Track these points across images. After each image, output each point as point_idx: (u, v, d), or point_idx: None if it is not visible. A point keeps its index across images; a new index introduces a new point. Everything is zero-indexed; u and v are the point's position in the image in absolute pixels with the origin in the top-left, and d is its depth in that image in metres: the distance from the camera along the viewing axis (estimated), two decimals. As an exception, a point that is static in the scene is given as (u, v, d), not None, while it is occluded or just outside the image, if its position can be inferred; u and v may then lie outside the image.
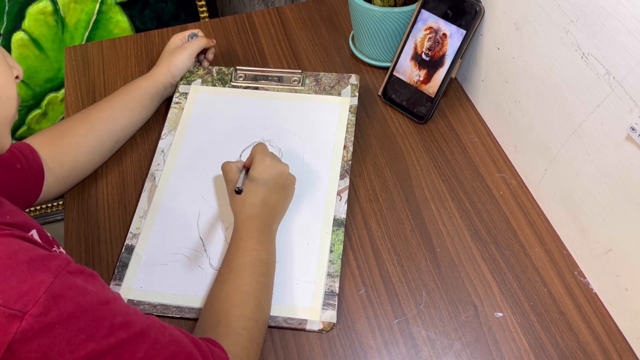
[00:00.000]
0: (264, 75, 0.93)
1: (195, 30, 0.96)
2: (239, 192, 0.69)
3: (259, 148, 0.75)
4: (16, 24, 1.25)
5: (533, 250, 0.74)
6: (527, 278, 0.71)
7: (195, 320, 0.68)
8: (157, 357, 0.49)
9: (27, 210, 1.61)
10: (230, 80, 0.93)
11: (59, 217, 1.68)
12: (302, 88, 0.91)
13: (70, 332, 0.43)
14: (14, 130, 1.43)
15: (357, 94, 0.89)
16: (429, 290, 0.71)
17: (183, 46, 0.92)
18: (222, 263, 0.68)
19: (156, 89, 0.87)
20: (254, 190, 0.71)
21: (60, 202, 1.64)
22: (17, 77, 0.53)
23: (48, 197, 0.76)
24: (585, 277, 0.71)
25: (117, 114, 0.83)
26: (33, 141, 0.76)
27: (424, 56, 0.87)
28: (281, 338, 0.67)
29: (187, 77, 0.92)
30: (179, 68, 0.90)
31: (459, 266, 0.73)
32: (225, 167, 0.75)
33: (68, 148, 0.78)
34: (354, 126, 0.86)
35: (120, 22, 1.33)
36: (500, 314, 0.68)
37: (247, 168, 0.74)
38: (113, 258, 0.75)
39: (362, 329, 0.68)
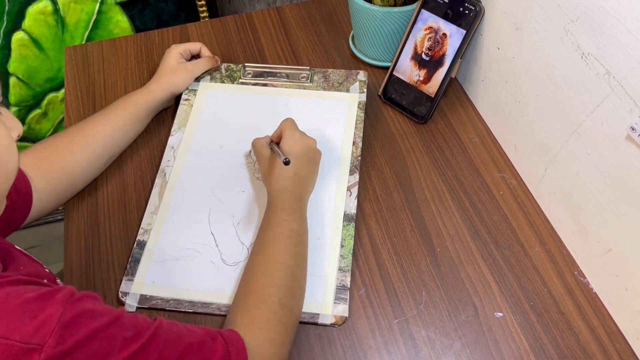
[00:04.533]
0: (272, 72, 0.94)
1: (197, 47, 0.94)
2: (287, 162, 0.71)
3: (289, 123, 0.78)
4: (16, 24, 1.25)
5: (533, 250, 0.74)
6: (527, 278, 0.71)
7: (208, 315, 0.69)
8: (171, 356, 0.51)
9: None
10: (239, 77, 0.93)
11: (59, 217, 1.68)
12: (311, 85, 0.92)
13: (87, 355, 0.45)
14: (14, 130, 1.43)
15: (365, 90, 0.90)
16: (429, 290, 0.71)
17: (186, 67, 0.90)
18: (256, 236, 0.70)
19: (154, 104, 0.87)
20: None
21: (61, 202, 1.64)
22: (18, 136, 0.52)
23: (43, 214, 0.75)
24: (585, 277, 0.71)
25: (115, 129, 0.82)
26: (30, 160, 0.74)
27: (424, 56, 0.87)
28: (281, 338, 0.67)
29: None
30: (179, 88, 0.90)
31: (459, 266, 0.73)
32: (255, 143, 0.79)
33: (65, 165, 0.77)
34: (362, 122, 0.86)
35: (120, 22, 1.33)
36: (500, 314, 0.68)
37: (274, 142, 0.78)
38: (113, 258, 0.75)
39: (362, 329, 0.68)
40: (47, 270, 0.62)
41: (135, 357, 0.48)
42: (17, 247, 0.61)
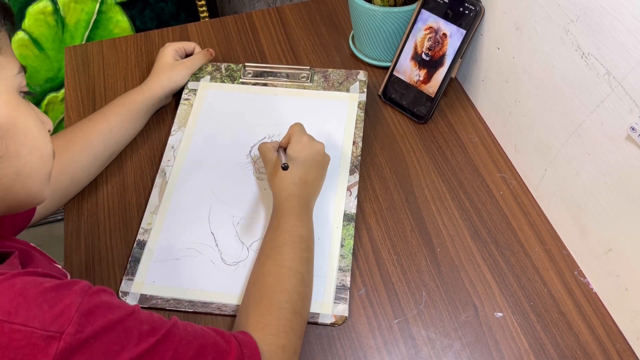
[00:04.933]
0: (273, 72, 0.94)
1: (192, 46, 0.96)
2: (285, 167, 0.71)
3: (297, 127, 0.77)
4: (16, 24, 1.25)
5: (533, 250, 0.74)
6: (527, 278, 0.71)
7: (208, 314, 0.69)
8: (186, 354, 0.51)
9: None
10: (239, 77, 0.94)
11: (59, 217, 1.68)
12: (311, 84, 0.92)
13: (105, 345, 0.45)
14: (14, 130, 1.43)
15: (365, 90, 0.90)
16: (429, 290, 0.71)
17: (184, 63, 0.91)
18: (263, 240, 0.70)
19: (152, 102, 0.87)
20: (294, 168, 0.73)
21: (61, 202, 1.64)
22: (48, 131, 0.55)
23: (47, 214, 0.76)
24: (585, 277, 0.71)
25: (114, 128, 0.82)
26: None
27: (424, 56, 0.87)
28: (281, 338, 0.67)
29: (195, 74, 0.93)
30: (178, 84, 0.90)
31: (459, 266, 0.73)
32: (262, 147, 0.78)
33: (65, 166, 0.77)
34: (362, 122, 0.87)
35: (120, 22, 1.33)
36: (500, 314, 0.68)
37: (283, 147, 0.77)
38: (113, 258, 0.75)
39: (362, 329, 0.68)
40: (59, 266, 0.63)
41: (151, 352, 0.48)
42: (31, 244, 0.61)
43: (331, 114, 0.88)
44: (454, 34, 0.83)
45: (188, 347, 0.52)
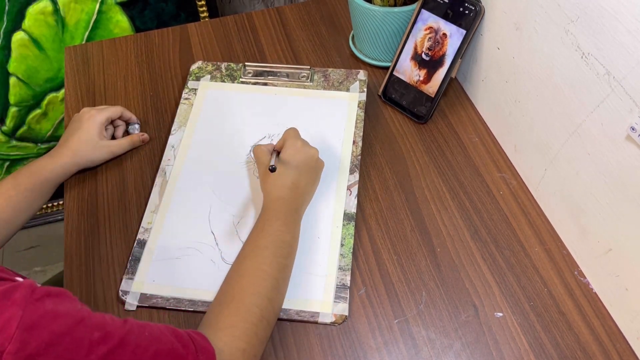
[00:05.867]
0: (273, 72, 0.94)
1: (118, 112, 0.87)
2: (273, 169, 0.71)
3: (291, 132, 0.77)
4: (16, 24, 1.25)
5: (533, 250, 0.74)
6: (527, 278, 0.71)
7: None
8: None
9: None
10: (239, 77, 0.94)
11: (59, 217, 1.68)
12: (311, 84, 0.92)
13: (52, 359, 0.43)
14: (14, 130, 1.43)
15: (365, 89, 0.90)
16: (429, 290, 0.71)
17: (110, 149, 0.83)
18: (246, 240, 0.70)
19: (64, 178, 0.80)
20: (285, 172, 0.73)
21: (60, 202, 1.64)
22: None
23: None
24: (585, 277, 0.71)
25: (13, 203, 0.74)
26: None
27: (424, 56, 0.87)
28: (281, 338, 0.67)
29: (196, 73, 0.94)
30: (93, 164, 0.82)
31: (459, 266, 0.73)
32: (256, 150, 0.78)
33: None
34: (362, 121, 0.87)
35: (120, 22, 1.33)
36: (500, 314, 0.68)
37: (277, 151, 0.77)
38: (113, 258, 0.75)
39: (362, 329, 0.68)
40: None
41: None
42: None
43: (331, 114, 0.88)
44: (454, 34, 0.83)
45: (143, 354, 0.49)
